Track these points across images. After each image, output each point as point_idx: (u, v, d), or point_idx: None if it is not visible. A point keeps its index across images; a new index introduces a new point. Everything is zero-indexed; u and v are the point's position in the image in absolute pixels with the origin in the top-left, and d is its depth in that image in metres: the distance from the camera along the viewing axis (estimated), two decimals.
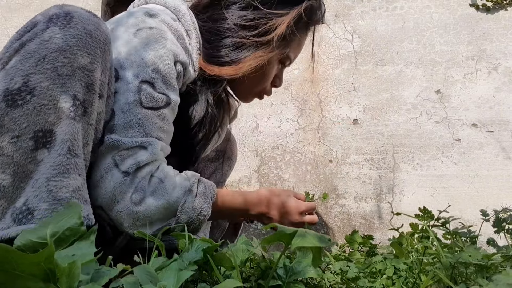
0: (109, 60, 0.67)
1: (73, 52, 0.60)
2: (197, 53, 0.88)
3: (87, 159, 0.65)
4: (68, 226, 0.47)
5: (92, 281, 0.41)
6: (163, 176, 0.74)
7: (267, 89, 1.02)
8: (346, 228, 1.71)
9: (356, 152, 1.78)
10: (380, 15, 1.90)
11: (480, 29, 1.80)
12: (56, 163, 0.57)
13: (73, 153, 0.59)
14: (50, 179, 0.56)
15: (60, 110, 0.58)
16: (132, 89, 0.73)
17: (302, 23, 0.94)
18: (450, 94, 1.77)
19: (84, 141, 0.63)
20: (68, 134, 0.59)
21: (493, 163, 1.67)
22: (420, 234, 0.94)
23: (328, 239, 0.49)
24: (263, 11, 0.89)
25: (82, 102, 0.61)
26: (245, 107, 1.87)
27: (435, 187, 1.68)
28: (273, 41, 0.89)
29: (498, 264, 0.60)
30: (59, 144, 0.58)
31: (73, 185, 0.59)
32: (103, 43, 0.64)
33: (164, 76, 0.77)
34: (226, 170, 1.23)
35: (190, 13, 0.89)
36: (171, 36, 0.80)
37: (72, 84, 0.60)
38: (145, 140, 0.73)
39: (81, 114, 0.61)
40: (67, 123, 0.59)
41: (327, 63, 1.90)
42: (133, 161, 0.70)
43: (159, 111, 0.76)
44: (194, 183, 0.77)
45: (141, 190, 0.71)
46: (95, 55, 0.63)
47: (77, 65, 0.60)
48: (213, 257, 0.54)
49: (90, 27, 0.63)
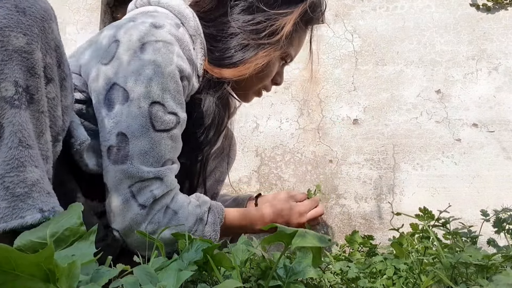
0: (52, 39, 0.60)
1: (5, 34, 0.53)
2: (202, 59, 0.88)
3: (46, 149, 0.60)
4: (67, 226, 0.47)
5: (92, 281, 0.41)
6: (177, 207, 0.78)
7: (267, 86, 1.03)
8: (346, 228, 1.71)
9: (356, 152, 1.78)
10: (380, 14, 1.89)
11: (480, 29, 1.79)
12: (8, 157, 0.53)
13: (25, 145, 0.55)
14: (4, 176, 0.53)
15: (2, 100, 0.53)
16: (143, 113, 0.74)
17: (304, 20, 0.94)
18: (450, 94, 1.77)
19: (37, 130, 0.58)
20: (16, 124, 0.54)
21: (494, 163, 1.67)
22: (420, 234, 0.94)
23: (328, 239, 0.49)
24: (268, 12, 0.89)
25: (25, 88, 0.56)
26: (245, 107, 1.87)
27: (435, 187, 1.68)
28: (280, 40, 0.89)
29: (499, 264, 0.60)
30: (8, 137, 0.54)
31: (31, 178, 0.55)
32: (41, 20, 0.57)
33: (173, 95, 0.77)
34: (226, 168, 1.23)
35: (194, 16, 0.88)
36: (177, 49, 0.79)
37: (10, 70, 0.54)
38: (161, 170, 0.75)
39: (27, 101, 0.56)
40: (13, 113, 0.54)
41: (327, 63, 1.90)
42: (149, 194, 0.73)
43: (170, 132, 0.77)
44: (205, 212, 0.81)
45: (156, 222, 0.75)
46: (32, 35, 0.56)
47: (12, 48, 0.54)
48: (213, 257, 0.54)
49: (23, 4, 0.56)
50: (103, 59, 0.77)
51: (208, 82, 0.89)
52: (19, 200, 0.54)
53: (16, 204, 0.54)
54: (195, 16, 0.88)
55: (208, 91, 0.89)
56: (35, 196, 0.56)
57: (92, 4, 2.17)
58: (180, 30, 0.83)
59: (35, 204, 0.56)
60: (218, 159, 1.19)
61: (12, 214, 0.54)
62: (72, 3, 2.16)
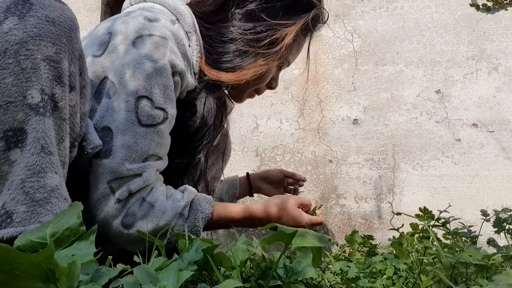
0: (77, 49, 0.62)
1: (36, 43, 0.55)
2: (197, 56, 0.87)
3: (64, 155, 0.62)
4: (67, 226, 0.47)
5: (92, 281, 0.41)
6: (153, 200, 0.76)
7: (260, 88, 1.02)
8: (346, 228, 1.71)
9: (356, 152, 1.78)
10: (380, 15, 1.89)
11: (480, 29, 1.79)
12: (30, 163, 0.55)
13: (47, 151, 0.56)
14: (25, 180, 0.54)
15: (28, 107, 0.55)
16: (129, 108, 0.73)
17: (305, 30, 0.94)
18: (450, 94, 1.77)
19: (58, 137, 0.59)
20: (40, 131, 0.56)
21: (493, 163, 1.67)
22: (420, 234, 0.94)
23: (328, 239, 0.49)
24: (269, 22, 0.88)
25: (51, 96, 0.57)
26: (245, 107, 1.87)
27: (435, 187, 1.68)
28: (280, 51, 0.89)
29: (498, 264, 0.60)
30: (31, 143, 0.55)
31: (50, 184, 0.57)
32: (68, 30, 0.59)
33: (162, 90, 0.76)
34: (222, 165, 1.23)
35: (191, 13, 0.88)
36: (171, 43, 0.79)
37: (38, 78, 0.55)
38: (142, 166, 0.74)
39: (52, 109, 0.58)
40: (37, 120, 0.55)
41: (327, 63, 1.90)
42: (126, 188, 0.73)
43: (157, 127, 0.76)
44: (186, 206, 0.79)
45: (131, 215, 0.74)
46: (60, 45, 0.57)
47: (41, 56, 0.55)
48: (213, 257, 0.54)
49: (53, 14, 0.57)
50: (96, 51, 0.77)
51: (208, 83, 0.89)
52: (38, 205, 0.55)
53: (35, 209, 0.55)
54: (191, 13, 0.88)
55: (208, 92, 0.89)
56: (53, 202, 0.57)
57: (92, 5, 2.17)
58: (176, 26, 0.83)
59: (53, 210, 0.57)
60: (215, 157, 1.19)
61: (30, 219, 0.54)
62: (72, 3, 2.16)
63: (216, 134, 0.96)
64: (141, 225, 0.74)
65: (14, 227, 0.53)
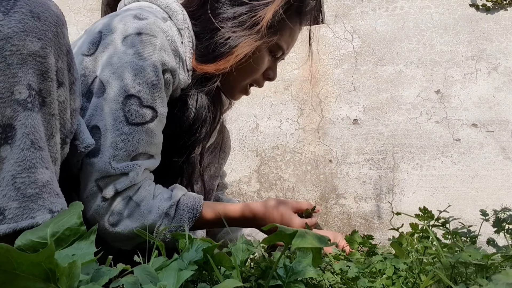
0: (64, 44, 0.61)
1: (21, 39, 0.54)
2: (190, 52, 0.87)
3: (55, 151, 0.61)
4: (68, 226, 0.47)
5: (92, 281, 0.41)
6: (140, 200, 0.77)
7: (258, 80, 1.00)
8: (346, 228, 1.71)
9: (356, 152, 1.78)
10: (380, 15, 1.90)
11: (480, 29, 1.80)
12: (20, 159, 0.54)
13: (37, 146, 0.56)
14: (16, 176, 0.54)
15: (16, 103, 0.54)
16: (117, 107, 0.73)
17: (293, 10, 0.92)
18: (450, 94, 1.77)
19: (48, 132, 0.59)
20: (29, 127, 0.55)
21: (493, 163, 1.67)
22: (420, 234, 0.94)
23: (328, 239, 0.49)
24: (251, 4, 0.88)
25: (38, 91, 0.57)
26: (245, 107, 1.87)
27: (435, 187, 1.68)
28: (261, 30, 0.88)
29: (498, 264, 0.60)
30: (20, 139, 0.55)
31: (42, 179, 0.57)
32: (54, 26, 0.58)
33: (151, 88, 0.76)
34: (221, 163, 1.22)
35: (183, 10, 0.88)
36: (160, 41, 0.79)
37: (24, 73, 0.55)
38: (129, 165, 0.75)
39: (40, 104, 0.57)
40: (26, 115, 0.55)
41: (327, 63, 1.90)
42: (112, 186, 0.74)
43: (145, 126, 0.76)
44: (172, 206, 0.78)
45: (117, 214, 0.75)
46: (46, 40, 0.57)
47: (27, 52, 0.55)
48: (213, 257, 0.54)
49: (38, 10, 0.56)
50: (87, 50, 0.78)
51: (198, 79, 0.89)
52: (29, 201, 0.55)
53: (27, 204, 0.55)
54: (183, 10, 0.88)
55: (198, 88, 0.89)
56: (45, 197, 0.57)
57: (93, 5, 2.17)
58: (167, 23, 0.83)
59: (45, 205, 0.57)
60: (213, 155, 1.18)
61: (22, 215, 0.54)
62: (73, 4, 2.16)
63: (211, 131, 0.95)
64: (127, 223, 0.75)
65: (6, 224, 0.53)
